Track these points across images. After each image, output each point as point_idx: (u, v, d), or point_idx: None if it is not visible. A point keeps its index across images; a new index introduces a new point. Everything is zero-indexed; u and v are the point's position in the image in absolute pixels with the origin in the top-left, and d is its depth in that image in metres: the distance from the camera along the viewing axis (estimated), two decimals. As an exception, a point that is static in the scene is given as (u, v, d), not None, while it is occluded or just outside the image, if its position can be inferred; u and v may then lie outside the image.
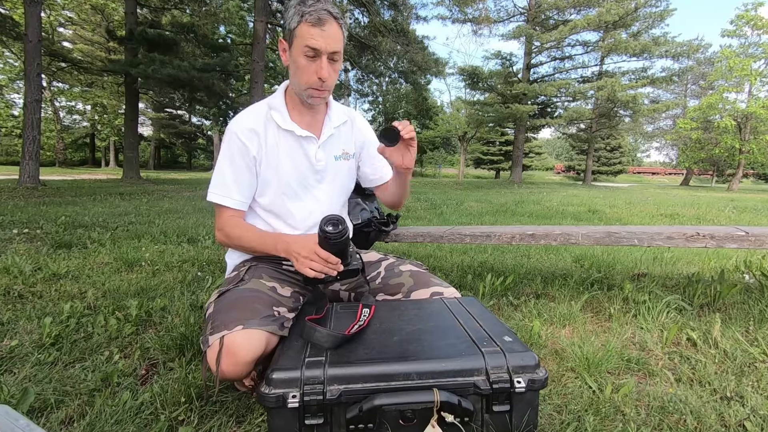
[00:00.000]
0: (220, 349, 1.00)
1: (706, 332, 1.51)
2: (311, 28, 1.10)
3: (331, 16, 1.11)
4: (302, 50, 1.12)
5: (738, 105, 22.27)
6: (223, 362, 0.99)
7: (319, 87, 1.17)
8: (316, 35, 1.10)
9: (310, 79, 1.15)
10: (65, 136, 31.64)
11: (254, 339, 1.02)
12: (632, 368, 1.30)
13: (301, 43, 1.12)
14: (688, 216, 6.07)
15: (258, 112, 1.26)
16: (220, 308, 1.10)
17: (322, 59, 1.13)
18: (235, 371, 1.01)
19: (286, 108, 1.26)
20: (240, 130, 1.23)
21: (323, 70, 1.13)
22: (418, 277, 1.37)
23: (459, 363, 0.95)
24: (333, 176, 1.34)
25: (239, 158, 1.23)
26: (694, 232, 1.66)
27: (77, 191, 8.48)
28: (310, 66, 1.14)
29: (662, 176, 57.10)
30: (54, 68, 15.85)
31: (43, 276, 2.24)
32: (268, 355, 1.30)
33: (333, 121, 1.31)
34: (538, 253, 2.96)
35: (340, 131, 1.35)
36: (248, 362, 1.02)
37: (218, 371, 1.00)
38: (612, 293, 2.00)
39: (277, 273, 1.28)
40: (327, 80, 1.16)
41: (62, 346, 1.46)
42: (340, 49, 1.16)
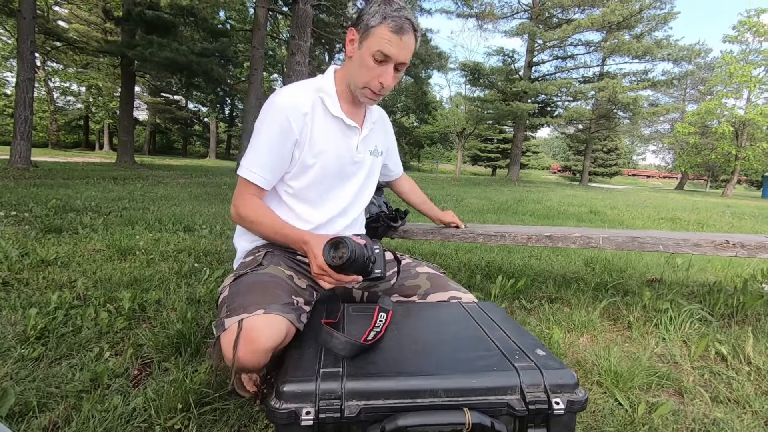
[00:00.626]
0: (239, 334, 0.91)
1: (735, 346, 1.43)
2: (391, 33, 1.06)
3: (412, 27, 1.09)
4: (374, 52, 1.08)
5: (736, 111, 22.35)
6: (241, 349, 0.90)
7: (377, 90, 1.13)
8: (393, 42, 1.07)
9: (371, 82, 1.12)
10: (59, 117, 31.07)
11: (275, 325, 0.94)
12: (663, 384, 1.21)
13: (375, 45, 1.07)
14: (690, 221, 6.03)
15: (306, 92, 1.18)
16: (237, 291, 1.00)
17: (389, 66, 1.09)
18: (253, 359, 0.91)
19: (336, 94, 1.20)
20: (288, 108, 1.13)
21: (388, 77, 1.10)
22: (436, 280, 1.29)
23: (491, 379, 0.86)
24: (367, 170, 1.31)
25: (281, 137, 1.14)
26: (723, 240, 1.57)
27: (69, 174, 8.29)
28: (376, 69, 1.10)
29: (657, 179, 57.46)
30: (48, 47, 15.49)
31: (31, 262, 2.12)
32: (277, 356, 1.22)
33: (373, 117, 1.30)
34: (546, 254, 2.88)
35: (376, 128, 1.33)
36: (267, 350, 0.92)
37: (235, 357, 0.90)
38: (629, 299, 1.92)
39: (293, 263, 1.20)
40: (387, 87, 1.13)
41: (48, 341, 1.36)
42: (408, 62, 1.13)
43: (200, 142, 40.16)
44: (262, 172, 1.15)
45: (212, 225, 3.46)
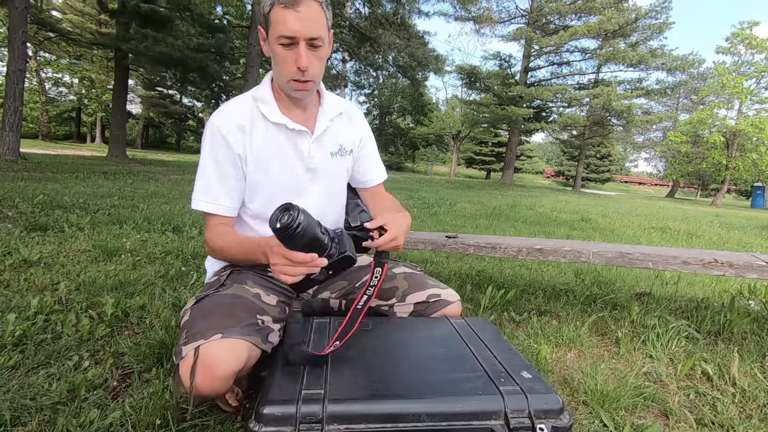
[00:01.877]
0: (195, 361, 0.87)
1: (720, 365, 1.43)
2: (284, 10, 0.94)
3: None
4: (277, 38, 0.97)
5: (727, 122, 22.65)
6: (198, 376, 0.86)
7: (300, 78, 1.01)
8: (290, 19, 0.94)
9: (289, 70, 1.00)
10: (50, 108, 30.62)
11: (234, 350, 0.89)
12: (649, 405, 1.21)
13: (275, 31, 0.97)
14: (680, 230, 6.08)
15: (242, 104, 1.11)
16: (196, 315, 0.96)
17: (299, 46, 0.97)
18: (212, 387, 0.88)
19: (274, 100, 1.11)
20: (223, 126, 1.07)
21: (302, 58, 0.97)
22: (413, 279, 1.27)
23: (476, 403, 0.85)
24: (328, 175, 1.19)
25: (223, 157, 1.08)
26: (711, 259, 1.58)
27: (59, 167, 8.17)
28: (289, 55, 0.99)
29: (648, 187, 58.06)
30: (41, 37, 15.24)
31: (12, 262, 2.07)
32: (251, 372, 1.19)
33: (327, 113, 1.16)
34: (537, 264, 2.89)
35: (336, 125, 1.20)
36: (226, 377, 0.88)
37: (192, 387, 0.86)
38: (617, 314, 1.93)
39: (263, 280, 1.16)
40: (309, 70, 1.00)
41: (26, 348, 1.32)
42: (322, 34, 1.00)
43: (194, 138, 39.84)
44: (216, 200, 1.10)
45: (202, 226, 3.42)
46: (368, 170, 1.31)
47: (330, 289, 1.28)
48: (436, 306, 1.23)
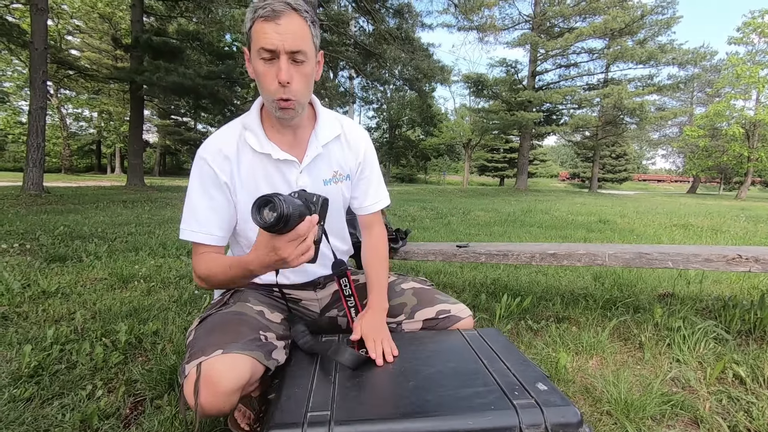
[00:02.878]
0: (198, 378, 0.86)
1: (754, 367, 1.36)
2: (264, 23, 0.90)
3: (290, 7, 0.91)
4: (257, 53, 0.93)
5: (746, 113, 22.05)
6: (202, 393, 0.85)
7: (283, 96, 0.95)
8: (269, 31, 0.90)
9: (271, 87, 0.95)
10: (71, 142, 31.77)
11: (236, 365, 0.88)
12: (678, 413, 1.15)
13: (255, 45, 0.93)
14: (703, 227, 5.89)
15: (230, 133, 1.08)
16: (199, 334, 0.96)
17: (280, 60, 0.92)
18: (215, 403, 0.86)
19: (261, 127, 1.06)
20: (208, 155, 1.04)
21: (282, 72, 0.92)
22: (422, 295, 1.24)
23: (488, 420, 0.81)
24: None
25: (210, 186, 1.05)
26: (735, 255, 1.51)
27: (80, 198, 8.41)
28: (270, 70, 0.94)
29: (668, 184, 56.69)
30: (61, 76, 15.92)
31: (32, 294, 2.12)
32: (262, 393, 1.17)
33: (320, 139, 1.09)
34: (554, 270, 2.81)
35: (331, 149, 1.13)
36: (229, 392, 0.87)
37: (197, 404, 0.85)
38: (639, 317, 1.85)
39: (267, 298, 1.15)
40: (291, 85, 0.95)
41: (42, 379, 1.33)
42: (305, 48, 0.94)
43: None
44: (202, 229, 1.05)
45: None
46: (362, 196, 1.20)
47: (337, 307, 1.27)
48: (446, 322, 1.19)
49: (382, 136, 37.24)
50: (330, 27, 12.46)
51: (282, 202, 0.79)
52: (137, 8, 11.97)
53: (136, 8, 11.99)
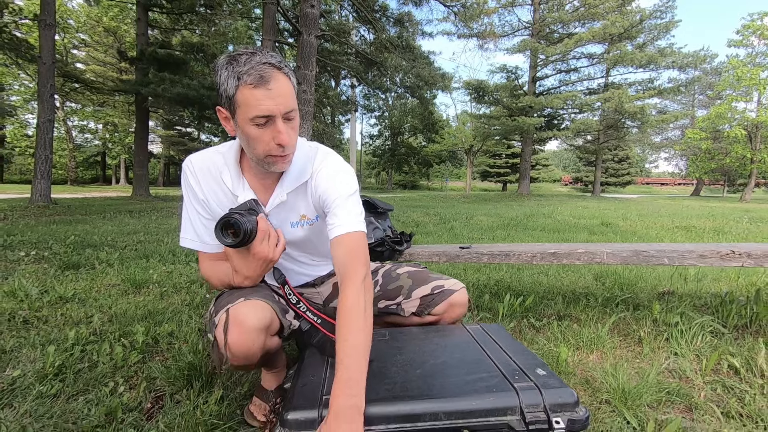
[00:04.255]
0: (227, 321, 0.98)
1: (748, 359, 1.41)
2: (254, 90, 0.89)
3: (274, 68, 0.91)
4: (251, 120, 0.92)
5: (748, 114, 22.05)
6: (231, 332, 0.96)
7: (281, 153, 0.98)
8: (262, 99, 0.89)
9: (266, 147, 0.96)
10: (77, 154, 32.15)
11: (260, 307, 1.01)
12: (673, 401, 1.20)
13: (247, 113, 0.91)
14: (706, 228, 5.92)
15: (214, 160, 1.11)
16: (221, 300, 1.09)
17: (276, 123, 0.93)
18: (245, 342, 0.96)
19: (239, 169, 1.09)
20: (188, 171, 1.11)
21: (283, 135, 0.93)
22: (417, 276, 1.33)
23: (491, 401, 0.87)
24: (295, 240, 1.18)
25: (194, 200, 1.12)
26: (728, 251, 1.57)
27: (87, 209, 8.53)
28: (264, 133, 0.94)
29: (671, 187, 56.47)
30: (67, 89, 16.19)
31: (50, 299, 2.19)
32: (279, 386, 1.24)
33: (285, 185, 1.09)
34: (556, 270, 2.87)
35: (297, 195, 1.12)
36: (256, 329, 0.98)
37: (227, 343, 0.96)
38: (639, 314, 1.90)
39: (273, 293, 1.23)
40: (288, 144, 0.97)
41: (66, 377, 1.40)
42: (295, 104, 0.96)
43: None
44: (197, 238, 1.13)
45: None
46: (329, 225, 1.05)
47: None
48: (441, 296, 1.28)
49: (384, 144, 37.41)
50: (332, 37, 12.63)
51: (241, 221, 0.95)
52: (142, 22, 12.20)
53: (141, 22, 12.22)
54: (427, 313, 1.29)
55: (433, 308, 1.28)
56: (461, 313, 1.31)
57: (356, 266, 0.97)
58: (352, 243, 1.00)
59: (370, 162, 41.09)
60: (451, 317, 1.30)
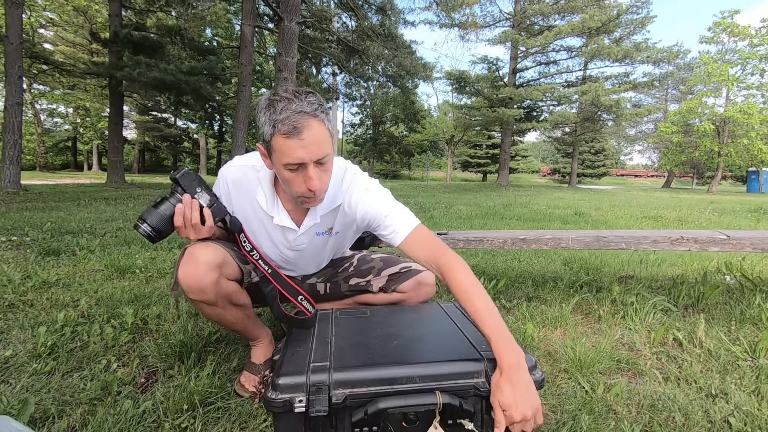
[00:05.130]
0: (181, 257, 1.10)
1: (691, 332, 1.57)
2: (288, 140, 0.94)
3: (308, 116, 0.94)
4: (284, 165, 0.98)
5: (716, 109, 22.91)
6: (182, 266, 1.08)
7: (311, 196, 1.05)
8: (295, 148, 0.94)
9: (299, 190, 1.03)
10: (46, 139, 30.93)
11: (212, 248, 1.11)
12: (622, 368, 1.35)
13: (281, 159, 0.97)
14: (671, 218, 6.23)
15: (250, 176, 1.19)
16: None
17: (308, 170, 0.98)
18: (195, 273, 1.07)
19: (273, 190, 1.18)
20: (223, 183, 1.22)
21: (313, 181, 0.99)
22: (388, 260, 1.46)
23: (460, 366, 0.99)
24: (314, 249, 1.32)
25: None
26: (678, 236, 1.73)
27: (60, 196, 8.31)
28: (297, 177, 1.00)
29: (645, 178, 58.30)
30: (35, 70, 15.52)
31: (33, 284, 2.21)
32: (269, 359, 1.33)
33: (318, 211, 1.19)
34: (529, 257, 3.02)
35: (326, 217, 1.23)
36: (207, 264, 1.07)
37: (178, 277, 1.08)
38: (601, 295, 2.06)
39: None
40: (319, 188, 1.02)
41: (58, 356, 1.45)
42: (328, 150, 0.99)
43: (190, 159, 40.10)
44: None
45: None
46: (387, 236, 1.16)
47: (317, 275, 1.46)
48: (408, 274, 1.41)
49: (365, 133, 37.29)
50: (313, 24, 12.49)
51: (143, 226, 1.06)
52: (115, 1, 11.77)
53: (114, 2, 11.78)
54: (392, 289, 1.41)
55: (399, 284, 1.40)
56: (429, 292, 1.42)
57: (443, 252, 1.07)
58: (422, 237, 1.11)
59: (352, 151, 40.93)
60: (419, 296, 1.42)
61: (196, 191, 1.09)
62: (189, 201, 1.06)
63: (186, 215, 1.06)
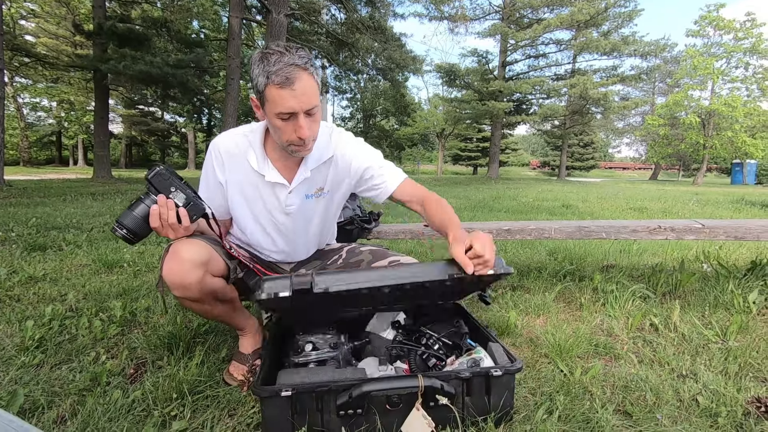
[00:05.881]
0: (166, 253, 1.11)
1: (667, 318, 1.63)
2: (281, 90, 1.00)
3: (300, 69, 1.00)
4: (276, 114, 1.04)
5: (702, 102, 23.24)
6: (166, 264, 1.09)
7: (301, 144, 1.10)
8: (287, 97, 1.01)
9: (290, 138, 1.09)
10: (30, 134, 30.27)
11: (196, 243, 1.12)
12: (600, 352, 1.40)
13: (273, 108, 1.03)
14: (656, 209, 6.35)
15: (238, 142, 1.23)
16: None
17: (299, 119, 1.05)
18: (179, 271, 1.08)
19: (263, 150, 1.22)
20: (214, 153, 1.24)
21: (303, 130, 1.05)
22: (376, 253, 1.47)
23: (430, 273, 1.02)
24: (304, 214, 1.31)
25: (211, 176, 1.27)
26: (656, 226, 1.78)
27: (46, 192, 8.19)
28: (287, 125, 1.06)
29: (632, 171, 59.01)
30: (17, 63, 15.16)
31: (20, 279, 2.20)
32: (256, 348, 1.36)
33: (309, 164, 1.23)
34: (514, 248, 3.08)
35: (320, 171, 1.26)
36: (191, 261, 1.08)
37: (162, 274, 1.09)
38: (583, 284, 2.12)
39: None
40: (308, 136, 1.09)
41: (47, 349, 1.46)
42: (317, 101, 1.07)
43: (179, 153, 39.61)
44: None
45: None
46: (380, 191, 1.27)
47: (306, 267, 1.47)
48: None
49: (356, 126, 37.11)
50: (302, 16, 12.38)
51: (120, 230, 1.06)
52: (99, -7, 11.53)
53: (98, -7, 11.55)
54: None
55: None
56: None
57: (428, 193, 1.26)
58: (411, 186, 1.27)
59: (342, 144, 40.64)
60: None
61: (170, 191, 1.08)
62: (164, 202, 1.06)
63: (162, 216, 1.06)
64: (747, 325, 1.55)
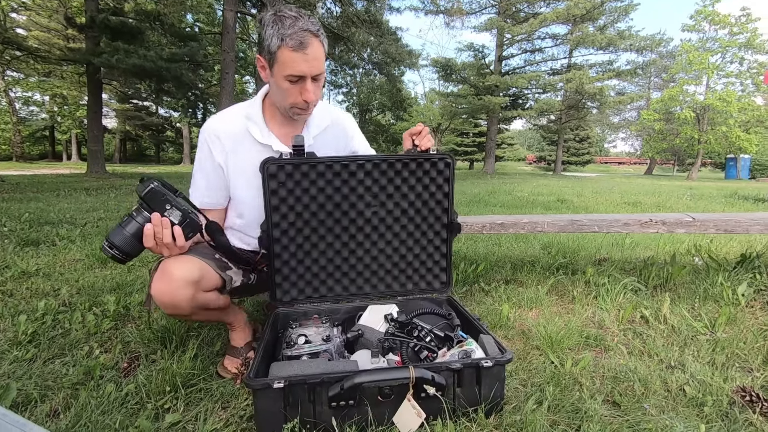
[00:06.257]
0: (155, 272, 1.09)
1: (657, 310, 1.65)
2: (293, 53, 1.04)
3: (312, 35, 1.05)
4: (285, 76, 1.08)
5: (697, 97, 23.30)
6: (155, 283, 1.07)
7: (305, 107, 1.15)
8: (299, 61, 1.05)
9: (295, 101, 1.13)
10: (22, 128, 29.93)
11: (188, 260, 1.09)
12: (590, 344, 1.42)
13: (283, 69, 1.07)
14: (650, 204, 6.39)
15: (233, 119, 1.23)
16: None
17: (306, 83, 1.09)
18: (167, 290, 1.05)
19: (263, 119, 1.23)
20: (209, 135, 1.22)
21: (310, 93, 1.10)
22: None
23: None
24: None
25: (206, 161, 1.24)
26: (647, 219, 1.79)
27: (39, 187, 8.12)
28: (295, 88, 1.11)
29: (628, 166, 59.22)
30: (8, 56, 14.96)
31: (12, 274, 2.19)
32: (249, 342, 1.36)
33: (312, 130, 1.28)
34: (509, 242, 3.09)
35: (323, 137, 1.31)
36: (182, 280, 1.05)
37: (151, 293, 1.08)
38: (575, 277, 2.14)
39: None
40: (312, 101, 1.14)
41: (40, 343, 1.46)
42: (324, 69, 1.12)
43: (173, 148, 39.35)
44: (197, 195, 1.26)
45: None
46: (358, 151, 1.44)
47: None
48: None
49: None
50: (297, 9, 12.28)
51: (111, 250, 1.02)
52: (91, -14, 11.37)
53: (89, -14, 11.39)
54: None
55: None
56: None
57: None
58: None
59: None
60: None
61: (165, 209, 1.03)
62: (159, 220, 1.02)
63: (157, 236, 1.02)
64: (735, 316, 1.57)
